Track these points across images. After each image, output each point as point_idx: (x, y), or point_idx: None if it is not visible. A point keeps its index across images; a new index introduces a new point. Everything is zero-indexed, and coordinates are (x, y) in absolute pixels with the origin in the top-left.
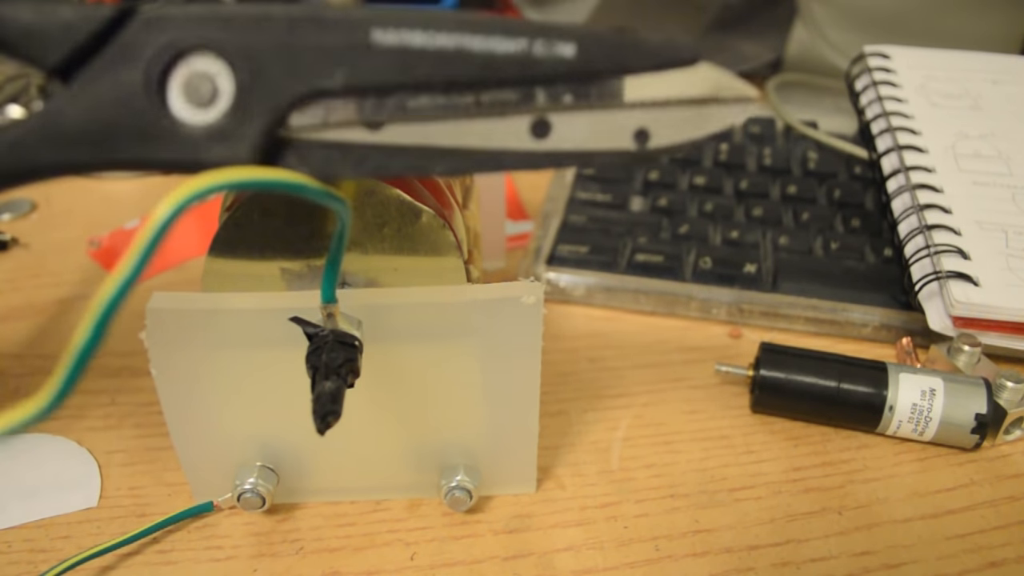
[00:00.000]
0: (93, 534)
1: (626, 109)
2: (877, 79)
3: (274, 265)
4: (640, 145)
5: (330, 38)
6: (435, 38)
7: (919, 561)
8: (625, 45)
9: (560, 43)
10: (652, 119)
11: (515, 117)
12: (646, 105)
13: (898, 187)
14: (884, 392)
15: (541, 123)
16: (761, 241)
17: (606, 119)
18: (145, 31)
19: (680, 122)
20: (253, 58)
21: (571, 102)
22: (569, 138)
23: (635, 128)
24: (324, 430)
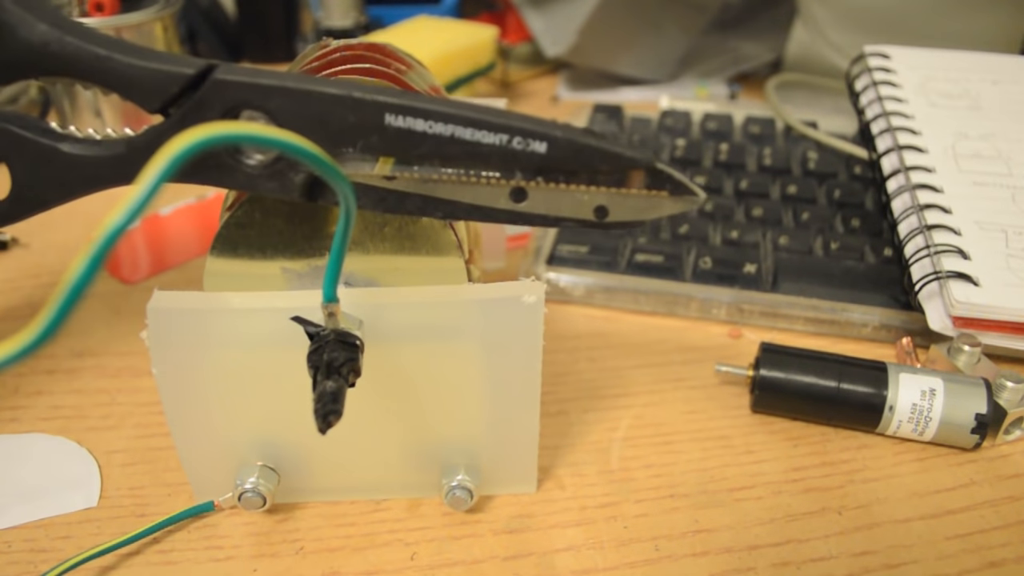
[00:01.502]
0: (93, 534)
1: (589, 192)
2: (877, 79)
3: (275, 265)
4: (599, 218)
5: (353, 117)
6: (433, 127)
7: (919, 561)
8: (590, 148)
9: (535, 141)
10: (611, 200)
11: (497, 186)
12: (607, 191)
13: (898, 187)
14: (884, 392)
15: (519, 191)
16: (761, 241)
17: (572, 196)
18: (217, 91)
19: (634, 206)
20: (296, 123)
21: (542, 182)
22: (541, 205)
23: (596, 205)
24: (325, 429)
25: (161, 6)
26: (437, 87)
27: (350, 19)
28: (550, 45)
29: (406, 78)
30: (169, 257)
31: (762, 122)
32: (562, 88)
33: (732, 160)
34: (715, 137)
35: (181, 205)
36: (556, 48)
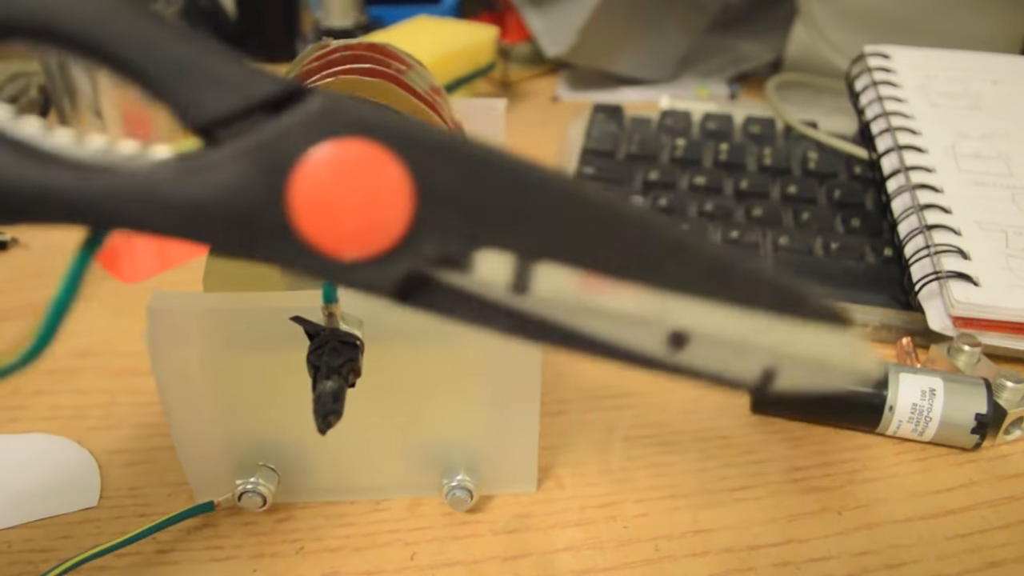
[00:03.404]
0: (93, 534)
1: (763, 347)
2: (877, 79)
3: None
4: (763, 384)
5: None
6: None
7: (919, 561)
8: (793, 294)
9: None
10: (782, 363)
11: (656, 326)
12: (783, 352)
13: (898, 187)
14: (884, 392)
15: (678, 337)
16: (761, 241)
17: (745, 352)
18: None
19: (806, 374)
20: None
21: (711, 328)
22: (703, 358)
23: (764, 366)
24: (325, 429)
25: (161, 6)
26: (437, 87)
27: (350, 19)
28: (550, 45)
29: (406, 78)
30: (169, 257)
31: (762, 122)
32: (562, 88)
33: (732, 160)
34: (715, 137)
35: None
36: (556, 48)
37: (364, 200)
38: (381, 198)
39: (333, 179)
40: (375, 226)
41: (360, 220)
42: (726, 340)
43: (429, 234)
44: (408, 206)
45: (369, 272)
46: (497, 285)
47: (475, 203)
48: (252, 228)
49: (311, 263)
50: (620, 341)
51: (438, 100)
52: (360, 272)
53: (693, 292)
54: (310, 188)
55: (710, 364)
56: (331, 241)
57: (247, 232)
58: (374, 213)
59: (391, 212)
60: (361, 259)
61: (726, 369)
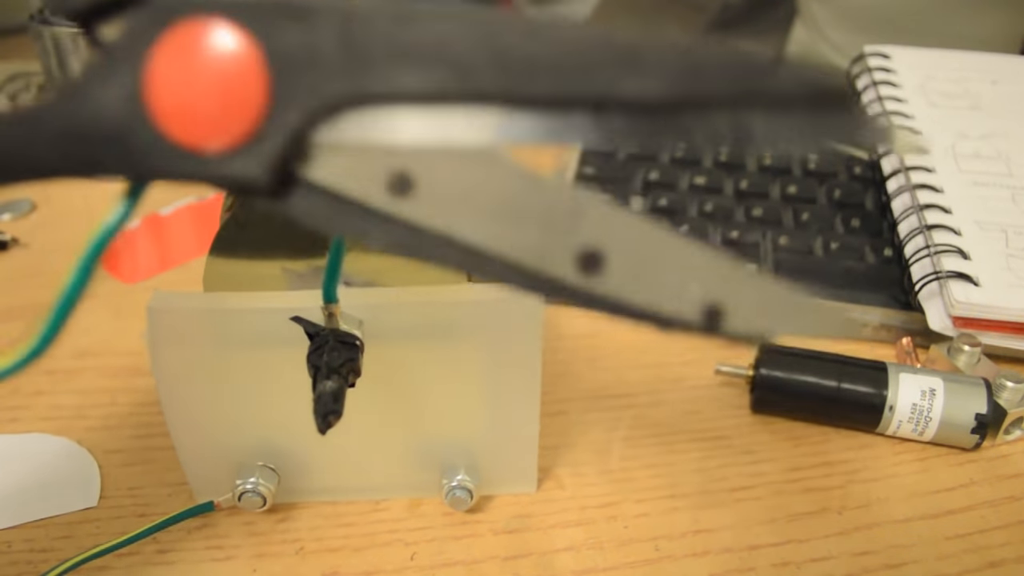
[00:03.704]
0: (93, 534)
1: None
2: (877, 79)
3: (275, 265)
4: (709, 324)
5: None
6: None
7: (919, 561)
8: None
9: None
10: (732, 294)
11: (563, 236)
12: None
13: (898, 187)
14: (884, 392)
15: (590, 257)
16: (761, 241)
17: (674, 276)
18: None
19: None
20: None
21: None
22: (622, 284)
23: (708, 302)
24: (325, 429)
25: None
26: None
27: None
28: None
29: None
30: (169, 257)
31: None
32: None
33: (732, 160)
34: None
35: (181, 205)
36: None
37: (217, 81)
38: (233, 75)
39: (182, 66)
40: (234, 107)
41: (218, 104)
42: (652, 256)
43: (290, 104)
44: (263, 80)
45: (239, 161)
46: (376, 185)
47: (331, 56)
48: (123, 143)
49: (184, 165)
50: (521, 260)
51: None
52: (230, 163)
53: (613, 91)
54: (164, 82)
55: (633, 293)
56: (195, 135)
57: (120, 147)
58: (230, 93)
59: (247, 92)
60: (228, 148)
61: (654, 301)
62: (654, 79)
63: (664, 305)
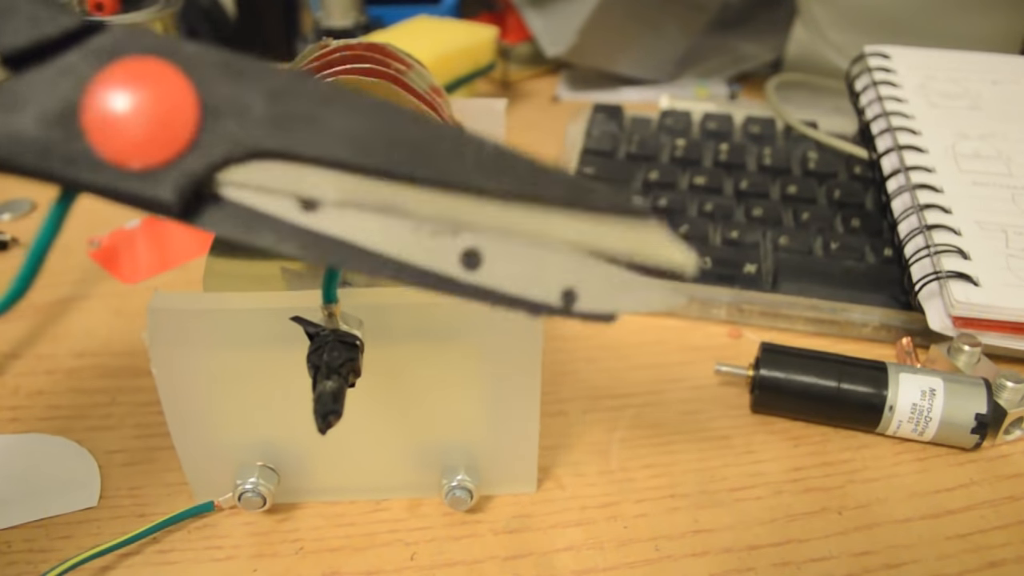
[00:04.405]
0: (93, 534)
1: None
2: (877, 79)
3: (275, 265)
4: (565, 304)
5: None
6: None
7: (919, 561)
8: (582, 185)
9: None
10: (582, 279)
11: (448, 239)
12: (581, 255)
13: (898, 187)
14: (884, 392)
15: (472, 254)
16: (761, 241)
17: (540, 265)
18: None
19: (608, 293)
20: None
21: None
22: (498, 279)
23: (564, 287)
24: (325, 429)
25: (161, 6)
26: (437, 87)
27: (350, 19)
28: (550, 45)
29: (406, 78)
30: (169, 257)
31: (762, 122)
32: (562, 88)
33: (732, 160)
34: (715, 137)
35: None
36: (556, 48)
37: (150, 113)
38: (166, 110)
39: (120, 97)
40: (161, 136)
41: (147, 131)
42: (519, 255)
43: (213, 143)
44: (192, 117)
45: (154, 179)
46: (287, 201)
47: (257, 113)
48: (55, 154)
49: (105, 176)
50: (414, 260)
51: (438, 100)
52: (145, 180)
53: (478, 186)
54: (101, 108)
55: (507, 285)
56: (121, 153)
57: (52, 157)
58: (160, 124)
59: (176, 123)
60: (148, 167)
61: (524, 290)
62: (511, 182)
63: (532, 293)
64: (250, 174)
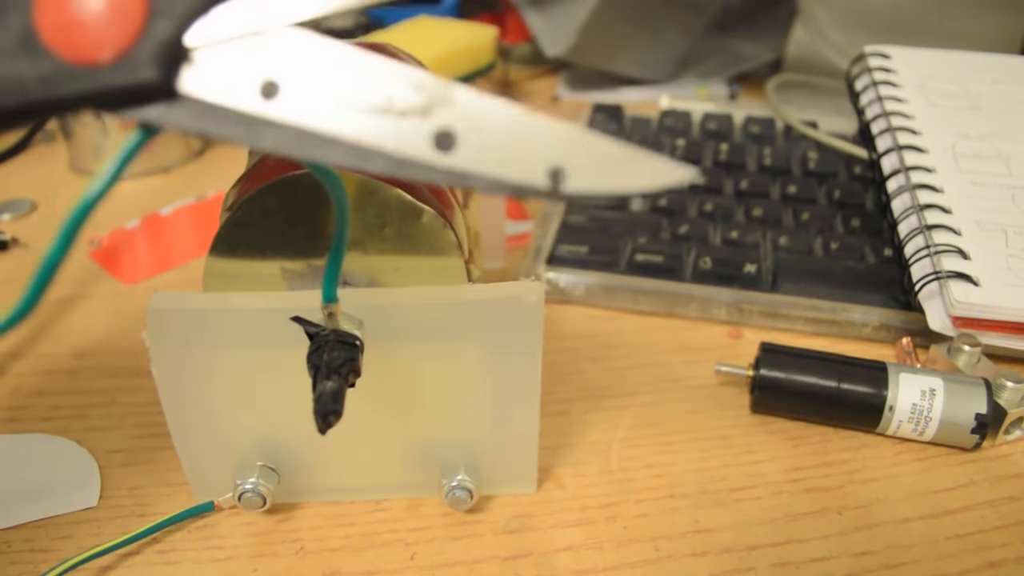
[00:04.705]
0: (93, 534)
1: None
2: (877, 79)
3: (275, 265)
4: (554, 184)
5: None
6: None
7: (919, 561)
8: None
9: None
10: (570, 157)
11: (418, 120)
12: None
13: (898, 187)
14: (884, 392)
15: (445, 135)
16: (761, 241)
17: (523, 146)
18: None
19: (600, 166)
20: None
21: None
22: (476, 159)
23: (551, 166)
24: (325, 429)
25: None
26: None
27: (350, 19)
28: (550, 45)
29: None
30: (169, 257)
31: (762, 122)
32: (562, 88)
33: (732, 160)
34: (715, 137)
35: (181, 205)
36: (556, 48)
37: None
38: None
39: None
40: (119, 14)
41: (104, 16)
42: (496, 132)
43: (166, 9)
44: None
45: (130, 63)
46: (249, 90)
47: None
48: (30, 82)
49: (83, 82)
50: (382, 145)
51: None
52: (123, 67)
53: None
54: (54, 18)
55: (486, 166)
56: (90, 51)
57: (29, 87)
58: (112, 6)
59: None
60: (120, 53)
61: (505, 170)
62: None
63: (514, 173)
64: (216, 27)
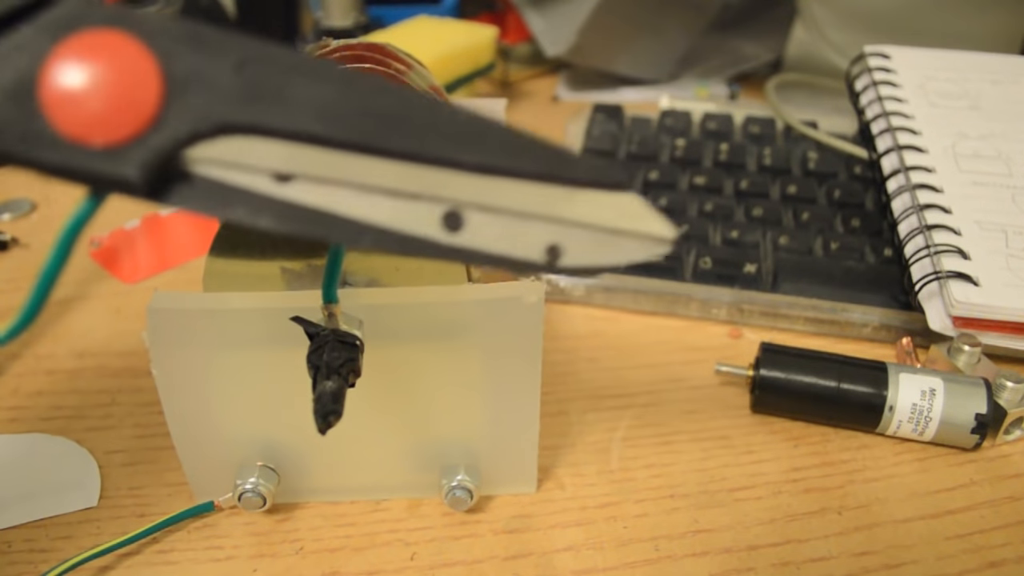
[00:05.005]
0: (93, 534)
1: (542, 222)
2: (877, 79)
3: (275, 265)
4: (550, 260)
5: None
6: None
7: (919, 561)
8: (560, 157)
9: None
10: (566, 237)
11: (427, 203)
12: (563, 222)
13: (898, 187)
14: (884, 392)
15: (453, 216)
16: (761, 241)
17: (525, 229)
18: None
19: (593, 248)
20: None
21: (486, 206)
22: (483, 238)
23: (548, 243)
24: (325, 430)
25: (161, 6)
26: (437, 87)
27: (350, 19)
28: (550, 45)
29: (406, 78)
30: (169, 257)
31: (762, 122)
32: (562, 88)
33: (732, 160)
34: (715, 137)
35: None
36: (556, 48)
37: (111, 86)
38: (128, 83)
39: (80, 70)
40: (124, 110)
41: (108, 105)
42: (501, 215)
43: (179, 118)
44: (156, 90)
45: (117, 157)
46: (259, 175)
47: (224, 86)
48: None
49: (65, 154)
50: (394, 225)
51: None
52: (108, 157)
53: (454, 159)
54: (59, 83)
55: (491, 244)
56: (82, 130)
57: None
58: (122, 98)
59: (139, 96)
60: (111, 144)
61: (508, 249)
62: (485, 153)
63: (516, 251)
64: (219, 150)
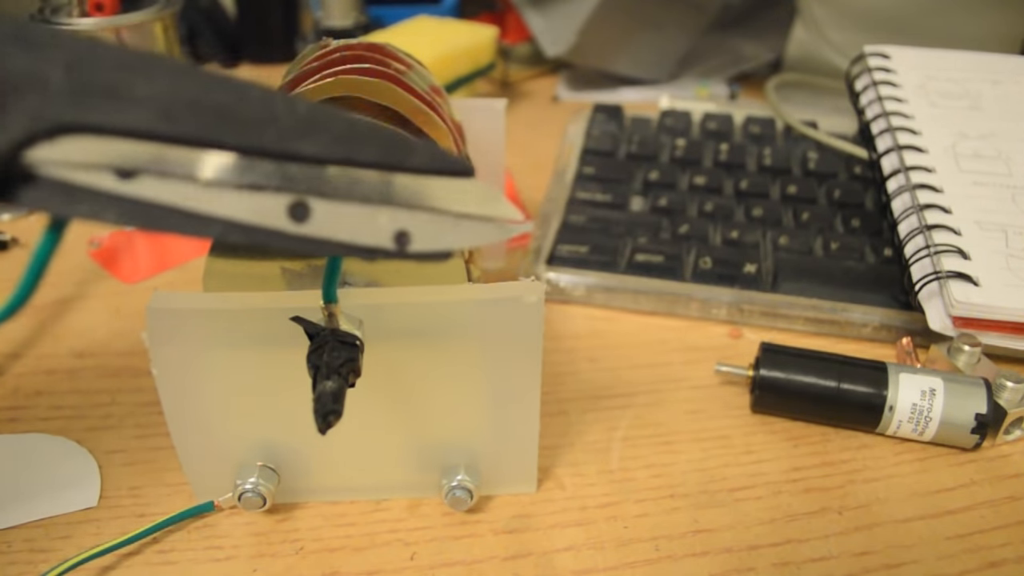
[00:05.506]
0: (93, 534)
1: (390, 212)
2: (877, 79)
3: (275, 265)
4: (400, 247)
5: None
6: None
7: (919, 561)
8: (401, 145)
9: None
10: (416, 224)
11: (272, 194)
12: (411, 207)
13: (898, 187)
14: (884, 392)
15: (299, 206)
16: (761, 241)
17: (370, 216)
18: None
19: (442, 232)
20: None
21: (332, 196)
22: (330, 227)
23: (397, 230)
24: (325, 429)
25: (161, 6)
26: (437, 87)
27: (350, 19)
28: (550, 45)
29: (406, 78)
30: (169, 257)
31: (762, 122)
32: (562, 88)
33: (732, 160)
34: (715, 137)
35: None
36: (556, 48)
37: None
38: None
39: None
40: None
41: None
42: (346, 204)
43: (12, 119)
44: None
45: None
46: (102, 172)
47: (56, 86)
48: None
49: None
50: (240, 217)
51: (438, 100)
52: None
53: (292, 151)
54: None
55: (338, 233)
56: None
57: None
58: None
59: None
60: None
61: (356, 237)
62: (323, 144)
63: (364, 239)
64: (60, 150)
